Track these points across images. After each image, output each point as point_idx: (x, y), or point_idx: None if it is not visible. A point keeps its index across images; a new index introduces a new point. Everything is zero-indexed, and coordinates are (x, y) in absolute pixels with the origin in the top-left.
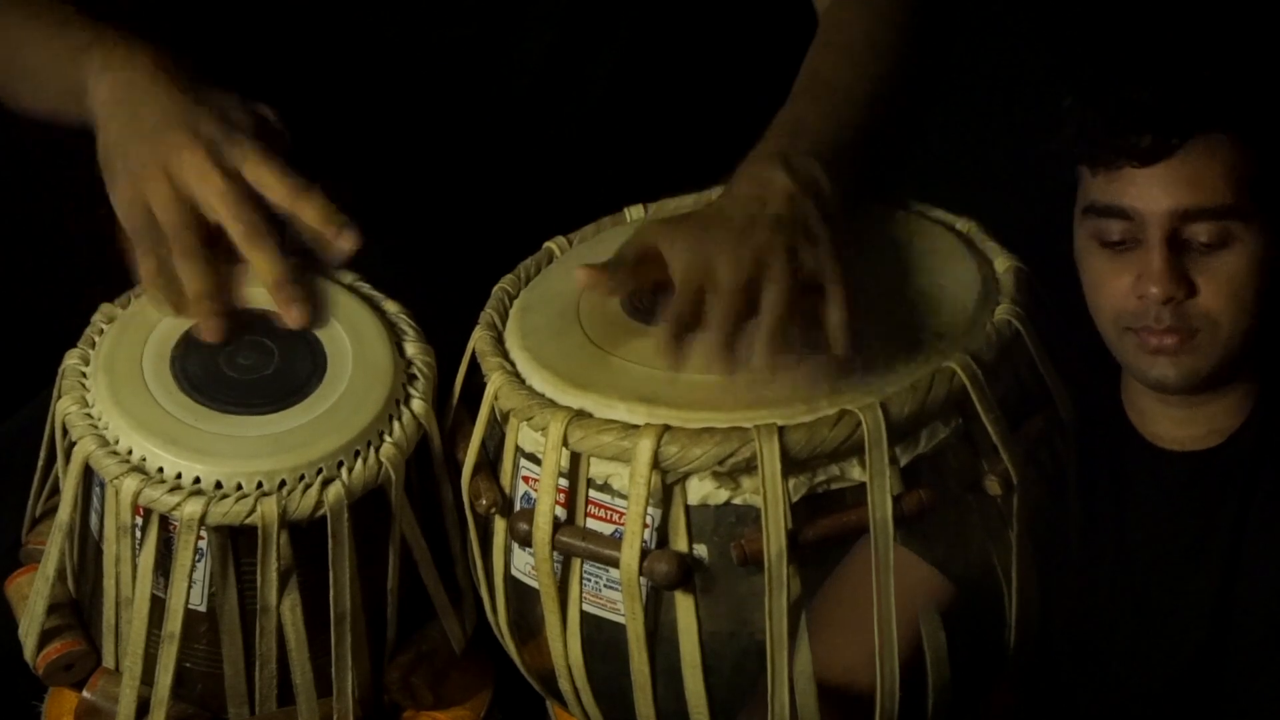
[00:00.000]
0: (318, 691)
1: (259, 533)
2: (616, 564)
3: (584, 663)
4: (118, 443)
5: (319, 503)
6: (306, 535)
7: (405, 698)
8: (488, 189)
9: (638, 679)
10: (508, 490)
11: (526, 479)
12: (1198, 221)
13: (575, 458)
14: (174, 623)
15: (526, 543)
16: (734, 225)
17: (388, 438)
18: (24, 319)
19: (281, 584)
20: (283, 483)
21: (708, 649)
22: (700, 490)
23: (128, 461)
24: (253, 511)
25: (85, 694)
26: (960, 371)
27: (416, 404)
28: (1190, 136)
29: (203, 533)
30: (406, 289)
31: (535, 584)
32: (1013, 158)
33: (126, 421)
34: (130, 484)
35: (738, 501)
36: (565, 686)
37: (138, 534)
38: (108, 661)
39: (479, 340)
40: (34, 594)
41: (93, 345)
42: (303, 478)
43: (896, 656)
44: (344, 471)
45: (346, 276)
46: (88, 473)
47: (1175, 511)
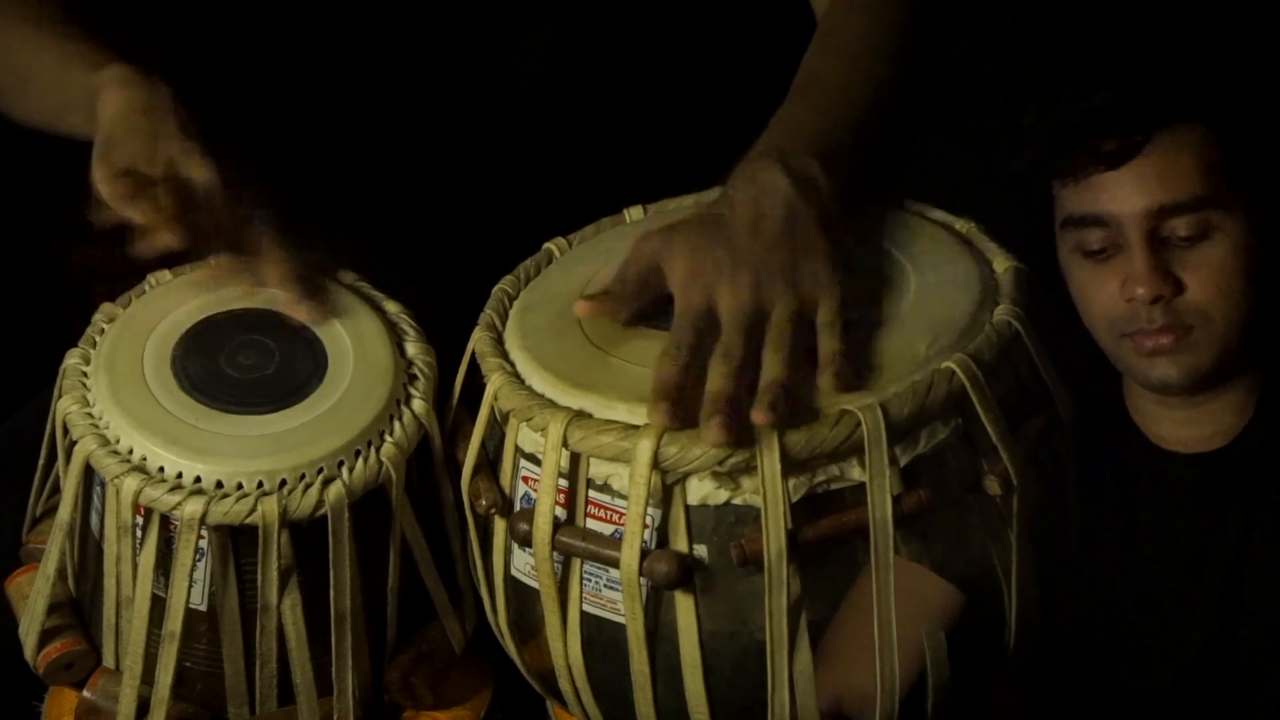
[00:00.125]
0: (318, 691)
1: (259, 532)
2: (616, 564)
3: (584, 663)
4: (118, 442)
5: (319, 502)
6: (307, 535)
7: (405, 698)
8: (488, 189)
9: (638, 679)
10: (508, 490)
11: (526, 479)
12: (1175, 216)
13: (575, 458)
14: (174, 622)
15: (526, 543)
16: (734, 240)
17: (388, 437)
18: (24, 319)
19: (282, 583)
20: (283, 482)
21: (708, 649)
22: (700, 490)
23: (128, 461)
24: (253, 511)
25: (85, 693)
26: (960, 371)
27: (417, 404)
28: (1154, 132)
29: (203, 532)
30: (407, 289)
31: (535, 584)
32: (1012, 158)
33: (127, 421)
34: (131, 483)
35: (738, 501)
36: (565, 686)
37: (138, 533)
38: (108, 661)
39: (479, 341)
40: (34, 593)
41: (94, 345)
42: (303, 477)
43: (896, 656)
44: (345, 471)
45: (347, 276)
46: (88, 472)
47: (1181, 514)
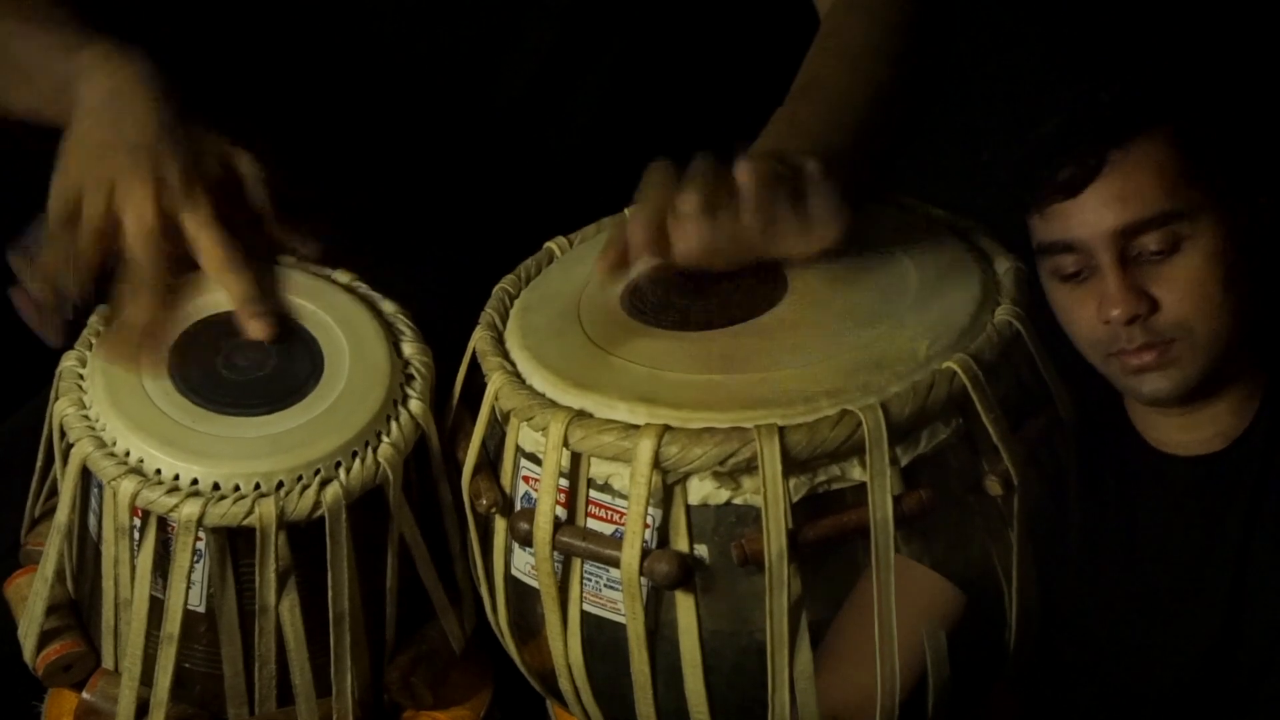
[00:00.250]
0: (317, 691)
1: (257, 534)
2: (617, 564)
3: (584, 662)
4: (115, 444)
5: (317, 503)
6: (305, 536)
7: (405, 698)
8: (488, 189)
9: (638, 679)
10: (508, 490)
11: (527, 479)
12: (1142, 234)
13: (576, 458)
14: (173, 623)
15: (527, 543)
16: None
17: (385, 438)
18: (23, 319)
19: (280, 584)
20: (280, 483)
21: (708, 649)
22: (701, 490)
23: (125, 463)
24: (250, 512)
25: (85, 695)
26: (960, 372)
27: (414, 404)
28: (1108, 153)
29: (201, 534)
30: (407, 289)
31: (535, 584)
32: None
33: (124, 423)
34: (128, 485)
35: (738, 501)
36: (565, 686)
37: (136, 535)
38: (107, 662)
39: (479, 340)
40: (33, 595)
41: (90, 347)
42: (300, 478)
43: (896, 656)
44: (342, 472)
45: (344, 276)
46: (86, 474)
47: (1182, 515)
